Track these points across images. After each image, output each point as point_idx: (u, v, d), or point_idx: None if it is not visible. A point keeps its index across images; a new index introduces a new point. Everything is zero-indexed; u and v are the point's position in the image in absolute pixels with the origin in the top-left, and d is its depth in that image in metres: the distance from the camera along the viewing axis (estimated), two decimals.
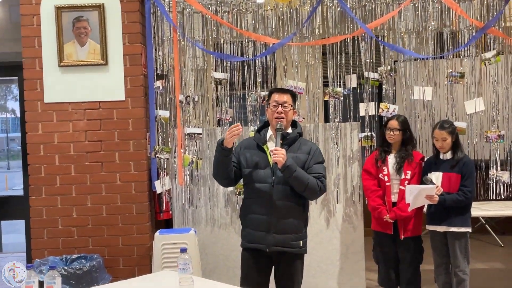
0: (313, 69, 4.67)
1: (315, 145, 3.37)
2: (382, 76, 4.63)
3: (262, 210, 3.19)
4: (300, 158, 3.22)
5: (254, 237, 3.23)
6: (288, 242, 3.20)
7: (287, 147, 3.22)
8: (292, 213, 3.20)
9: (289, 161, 3.07)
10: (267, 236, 3.18)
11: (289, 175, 3.08)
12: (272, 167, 3.17)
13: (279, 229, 3.17)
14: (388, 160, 4.25)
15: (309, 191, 3.17)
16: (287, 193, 3.17)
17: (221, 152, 3.14)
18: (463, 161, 4.04)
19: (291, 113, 3.28)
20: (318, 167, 3.25)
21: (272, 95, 3.30)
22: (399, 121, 4.22)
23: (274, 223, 3.17)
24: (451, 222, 4.02)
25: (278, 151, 3.06)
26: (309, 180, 3.13)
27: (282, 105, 3.23)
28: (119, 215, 4.35)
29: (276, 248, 3.19)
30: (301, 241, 3.26)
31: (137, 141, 4.35)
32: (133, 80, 4.33)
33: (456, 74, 4.57)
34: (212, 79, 4.59)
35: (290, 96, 3.29)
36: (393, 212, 4.13)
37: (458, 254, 4.03)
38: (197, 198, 4.61)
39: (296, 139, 3.29)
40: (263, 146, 3.26)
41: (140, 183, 4.35)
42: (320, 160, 3.30)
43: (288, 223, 3.19)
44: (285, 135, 3.23)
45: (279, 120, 3.22)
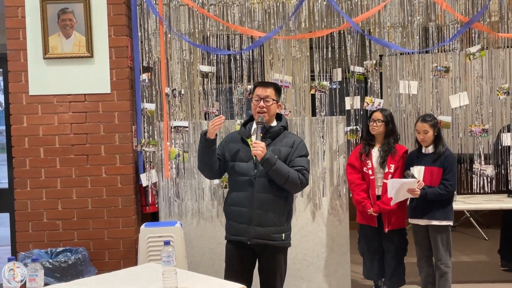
0: (300, 62, 4.69)
1: (299, 138, 3.40)
2: (368, 70, 4.66)
3: (244, 203, 3.23)
4: (282, 151, 3.25)
5: (236, 230, 3.27)
6: (269, 234, 3.23)
7: (270, 140, 3.25)
8: (274, 206, 3.23)
9: (268, 154, 3.11)
10: (248, 228, 3.22)
11: (269, 168, 3.12)
12: (254, 161, 3.20)
13: (260, 222, 3.21)
14: (372, 154, 4.30)
15: (290, 184, 3.20)
16: (269, 186, 3.21)
17: (205, 143, 3.18)
18: (444, 155, 4.09)
19: (273, 106, 3.31)
20: (301, 160, 3.28)
21: (256, 89, 3.34)
22: (382, 113, 4.27)
23: (255, 215, 3.21)
24: (433, 215, 4.08)
25: (257, 144, 3.10)
26: (289, 173, 3.16)
27: (264, 99, 3.27)
28: (104, 208, 4.35)
29: (257, 241, 3.23)
30: (283, 234, 3.29)
31: (123, 134, 4.35)
32: (119, 73, 4.32)
33: (441, 68, 4.61)
34: (199, 72, 4.59)
35: (273, 90, 3.32)
36: (377, 205, 4.18)
37: (440, 247, 4.09)
38: (183, 191, 4.62)
39: (279, 132, 3.32)
40: (247, 139, 3.29)
41: (126, 176, 4.36)
42: (304, 153, 3.32)
43: (269, 216, 3.22)
44: (268, 128, 3.26)
45: (261, 114, 3.25)
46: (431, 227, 4.12)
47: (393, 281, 4.35)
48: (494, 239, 5.71)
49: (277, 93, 3.35)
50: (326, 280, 4.62)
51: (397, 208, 4.20)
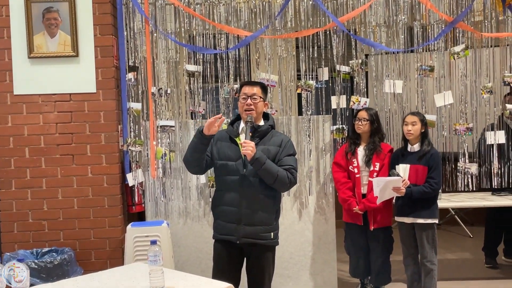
0: (286, 62, 4.70)
1: (286, 137, 3.42)
2: (354, 69, 4.68)
3: (232, 202, 3.24)
4: (271, 150, 3.27)
5: (225, 229, 3.28)
6: (258, 234, 3.25)
7: (258, 139, 3.27)
8: (262, 205, 3.25)
9: (258, 154, 3.12)
10: (237, 228, 3.23)
11: (259, 167, 3.13)
12: (243, 160, 3.22)
13: (249, 221, 3.23)
14: (357, 153, 4.33)
15: (279, 183, 3.22)
16: (258, 185, 3.22)
17: (200, 139, 3.19)
18: (430, 153, 4.12)
19: (260, 105, 3.32)
20: (289, 159, 3.30)
21: (242, 88, 3.35)
22: (368, 112, 4.30)
23: (245, 215, 3.22)
24: (418, 213, 4.11)
25: (247, 144, 3.11)
26: (278, 172, 3.18)
27: (251, 97, 3.28)
28: (90, 208, 4.35)
29: (246, 240, 3.24)
30: (272, 233, 3.31)
31: (108, 134, 4.34)
32: (105, 72, 4.31)
33: (426, 67, 4.65)
34: (185, 71, 4.58)
35: (260, 89, 3.34)
36: (362, 203, 4.21)
37: (425, 245, 4.13)
38: (169, 191, 4.62)
39: (267, 131, 3.34)
40: (235, 138, 3.31)
41: (112, 175, 4.35)
42: (292, 152, 3.35)
43: (258, 215, 3.24)
44: (256, 128, 3.27)
45: (248, 112, 3.27)
46: (417, 225, 4.15)
47: (379, 279, 4.38)
48: (479, 237, 5.76)
49: (264, 92, 3.38)
50: (313, 279, 4.64)
51: (383, 207, 4.22)
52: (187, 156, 3.31)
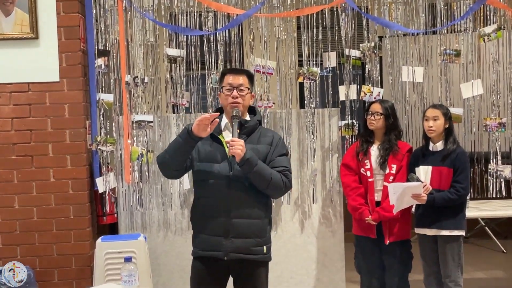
0: (285, 45, 4.69)
1: (277, 135, 3.42)
2: (365, 54, 4.67)
3: (218, 211, 3.22)
4: (261, 149, 3.27)
5: (209, 244, 3.26)
6: (249, 248, 3.23)
7: (245, 137, 3.26)
8: (254, 214, 3.24)
9: (249, 154, 3.12)
10: (224, 241, 3.21)
11: (249, 170, 3.12)
12: (229, 161, 3.21)
13: (238, 233, 3.21)
14: (370, 153, 4.32)
15: (273, 188, 3.22)
16: (247, 190, 3.21)
17: (187, 140, 3.15)
18: (455, 152, 4.11)
19: (248, 97, 3.32)
20: (282, 160, 3.30)
21: (225, 77, 3.33)
22: (382, 104, 4.29)
23: (233, 225, 3.21)
24: (442, 224, 4.10)
25: (235, 142, 3.10)
26: (272, 175, 3.18)
27: (237, 88, 3.27)
28: (53, 219, 4.35)
29: (235, 255, 3.22)
30: (264, 247, 3.29)
31: (74, 131, 4.33)
32: (70, 58, 4.30)
33: (451, 52, 4.63)
34: (165, 56, 4.57)
35: (246, 78, 3.33)
36: (376, 212, 4.19)
37: (449, 262, 4.12)
38: (147, 199, 4.61)
39: (255, 127, 3.34)
40: (218, 136, 3.30)
41: (78, 180, 4.35)
42: (284, 152, 3.35)
43: (249, 226, 3.23)
44: (243, 123, 3.27)
45: (234, 105, 3.25)
46: (440, 238, 4.14)
47: None
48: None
49: (250, 81, 3.37)
50: None
51: (400, 216, 4.21)
52: (166, 157, 3.27)
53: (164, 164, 3.30)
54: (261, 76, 4.63)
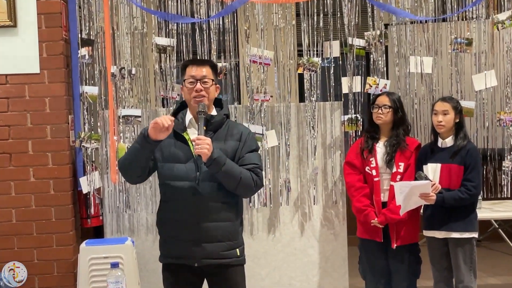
0: (284, 34, 4.68)
1: (246, 129, 3.43)
2: (370, 43, 4.67)
3: (186, 215, 3.22)
4: (230, 146, 3.27)
5: (178, 251, 3.27)
6: (222, 252, 3.25)
7: (212, 133, 3.25)
8: (225, 215, 3.25)
9: (216, 153, 3.11)
10: (195, 247, 3.22)
11: (217, 169, 3.12)
12: (195, 160, 3.21)
13: (210, 237, 3.22)
14: (376, 150, 4.30)
15: (243, 188, 3.22)
16: (216, 191, 3.22)
17: (145, 145, 3.14)
18: (466, 148, 4.10)
19: (213, 89, 3.30)
20: (252, 156, 3.30)
21: (187, 69, 3.30)
22: (390, 97, 4.28)
23: (204, 230, 3.21)
24: (453, 226, 4.09)
25: (201, 141, 3.07)
26: (241, 174, 3.18)
27: (200, 80, 3.25)
28: (33, 221, 4.33)
29: (207, 261, 3.24)
30: (237, 250, 3.31)
31: (56, 126, 4.32)
32: (51, 47, 4.30)
33: (462, 40, 4.62)
34: (154, 46, 4.57)
35: (210, 68, 3.31)
36: (382, 214, 4.18)
37: (461, 266, 4.11)
38: (135, 200, 4.60)
39: (222, 122, 3.33)
40: (182, 134, 3.28)
41: (61, 180, 4.34)
42: (254, 148, 3.36)
43: (220, 229, 3.24)
44: (209, 118, 3.26)
45: (199, 100, 3.23)
46: (451, 240, 4.13)
47: None
48: None
49: (215, 72, 3.36)
50: None
51: (408, 218, 4.19)
52: (126, 164, 3.27)
53: (125, 170, 3.30)
54: (258, 67, 4.61)
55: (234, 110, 4.64)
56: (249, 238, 4.60)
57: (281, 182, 4.65)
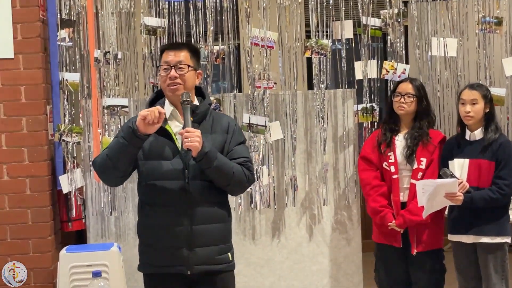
0: (289, 13, 4.68)
1: (233, 120, 3.47)
2: (387, 23, 4.65)
3: (175, 218, 3.20)
4: (217, 139, 3.28)
5: (167, 258, 3.25)
6: (215, 256, 3.27)
7: (197, 125, 3.26)
8: (217, 216, 3.28)
9: (208, 147, 3.12)
10: (186, 253, 3.22)
11: (208, 165, 3.12)
12: (182, 156, 3.20)
13: (202, 241, 3.22)
14: (395, 143, 4.27)
15: (235, 184, 3.27)
16: (208, 190, 3.23)
17: (133, 140, 3.11)
18: (498, 142, 4.06)
19: (190, 76, 3.28)
20: (241, 150, 3.34)
21: (163, 55, 3.32)
22: (414, 84, 4.24)
23: (197, 234, 3.21)
24: (482, 229, 4.05)
25: (191, 134, 3.06)
26: (234, 170, 3.20)
27: (175, 66, 3.25)
28: (7, 225, 4.34)
29: (200, 268, 3.24)
30: (229, 254, 3.35)
31: (32, 118, 4.34)
32: (26, 29, 4.31)
33: (491, 19, 4.60)
34: (143, 27, 4.57)
35: (188, 53, 3.30)
36: (400, 216, 4.15)
37: (492, 275, 4.07)
38: (122, 200, 4.61)
39: (206, 113, 3.35)
40: (164, 127, 3.26)
41: (38, 179, 4.35)
42: (242, 140, 3.40)
43: (213, 231, 3.26)
44: (193, 109, 3.26)
45: (173, 88, 3.23)
46: (480, 246, 4.10)
47: None
48: None
49: (195, 57, 3.34)
50: None
51: (430, 221, 4.16)
52: (108, 163, 3.21)
53: (106, 170, 3.25)
54: (260, 50, 4.63)
55: (234, 98, 4.66)
56: (250, 244, 4.63)
57: (287, 180, 4.64)
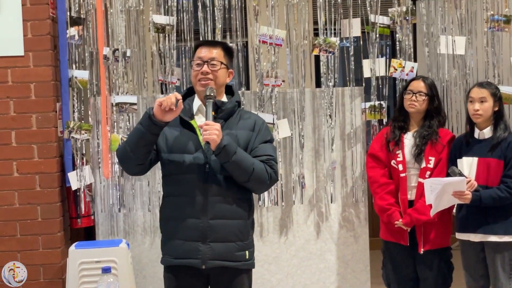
0: (297, 10, 4.67)
1: (260, 119, 3.46)
2: (395, 21, 4.65)
3: (193, 211, 3.24)
4: (241, 135, 3.29)
5: (183, 250, 3.27)
6: (231, 253, 3.27)
7: (223, 121, 3.29)
8: (236, 212, 3.28)
9: (226, 140, 3.13)
10: (202, 247, 3.24)
11: (227, 159, 3.14)
12: (204, 150, 3.23)
13: (218, 236, 3.24)
14: (404, 141, 4.26)
15: (255, 181, 3.25)
16: (227, 185, 3.25)
17: (150, 127, 3.15)
18: (507, 141, 4.04)
19: (222, 73, 3.33)
20: (266, 148, 3.33)
21: (197, 51, 3.36)
22: (426, 83, 4.24)
23: (212, 228, 3.23)
24: (491, 228, 4.03)
25: (210, 126, 3.09)
26: (254, 166, 3.20)
27: (208, 62, 3.29)
28: (17, 221, 4.36)
29: (214, 263, 3.25)
30: (247, 252, 3.34)
31: (42, 115, 4.34)
32: (36, 27, 4.32)
33: (499, 18, 4.58)
34: (152, 25, 4.56)
35: (221, 51, 3.35)
36: (407, 215, 4.15)
37: (500, 274, 4.05)
38: (130, 197, 4.62)
39: (234, 110, 3.37)
40: (190, 121, 3.31)
41: (47, 175, 4.36)
42: (269, 139, 3.39)
43: (230, 227, 3.26)
44: (219, 105, 3.29)
45: (204, 83, 3.26)
46: (488, 244, 4.08)
47: None
48: None
49: (228, 56, 3.39)
50: None
51: (438, 219, 4.16)
52: (127, 150, 3.26)
53: (125, 159, 3.30)
54: (268, 48, 4.62)
55: (242, 96, 4.62)
56: (258, 241, 4.60)
57: (295, 177, 4.65)
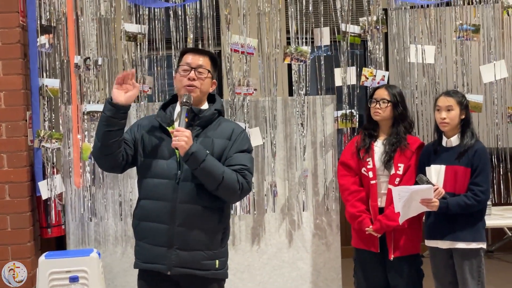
0: (269, 19, 4.68)
1: (239, 128, 3.45)
2: (366, 30, 4.67)
3: (162, 217, 3.24)
4: (217, 143, 3.30)
5: (151, 255, 3.29)
6: (198, 261, 3.26)
7: (200, 129, 3.29)
8: (204, 221, 3.27)
9: (195, 147, 3.14)
10: (168, 253, 3.24)
11: (195, 166, 3.14)
12: (178, 157, 3.24)
13: (185, 244, 3.24)
14: (374, 149, 4.29)
15: (225, 190, 3.23)
16: (197, 193, 3.24)
17: (112, 111, 3.15)
18: (473, 148, 4.07)
19: (208, 82, 3.35)
20: (241, 157, 3.31)
21: (184, 57, 3.36)
22: (389, 90, 4.27)
23: (178, 234, 3.23)
24: (458, 235, 4.06)
25: (180, 133, 3.11)
26: (224, 174, 3.19)
27: (196, 69, 3.30)
28: None
29: (180, 270, 3.25)
30: (217, 261, 3.33)
31: (12, 124, 4.34)
32: (6, 35, 4.33)
33: (468, 27, 4.61)
34: (123, 33, 4.57)
35: (208, 60, 3.37)
36: (377, 221, 4.17)
37: (468, 280, 4.07)
38: (102, 206, 4.59)
39: (212, 118, 3.37)
40: (167, 127, 3.31)
41: (17, 184, 4.36)
42: (246, 148, 3.38)
43: (197, 235, 3.26)
44: (196, 112, 3.29)
45: (190, 89, 3.27)
46: (456, 251, 4.11)
47: None
48: None
49: (213, 66, 3.41)
50: None
51: (408, 226, 4.18)
52: (96, 142, 3.27)
53: (95, 151, 3.30)
54: (240, 57, 4.63)
55: None
56: (230, 250, 4.45)
57: (267, 186, 4.65)
